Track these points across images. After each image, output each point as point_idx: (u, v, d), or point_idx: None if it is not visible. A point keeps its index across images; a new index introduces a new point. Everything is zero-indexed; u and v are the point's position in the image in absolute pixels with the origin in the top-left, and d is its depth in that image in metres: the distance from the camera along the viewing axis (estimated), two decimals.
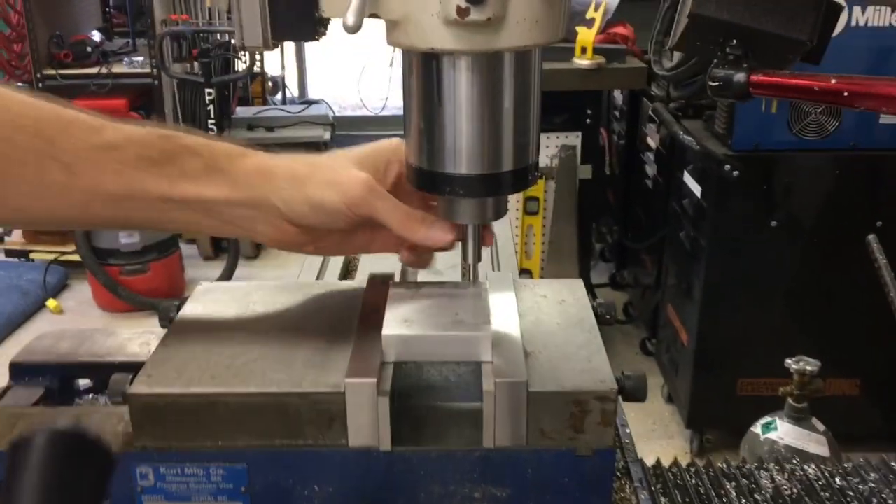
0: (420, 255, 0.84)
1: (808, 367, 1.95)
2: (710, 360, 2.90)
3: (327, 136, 4.98)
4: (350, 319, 0.82)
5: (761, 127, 2.62)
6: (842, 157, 2.61)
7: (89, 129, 0.74)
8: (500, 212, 0.79)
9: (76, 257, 4.10)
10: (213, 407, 0.70)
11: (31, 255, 4.42)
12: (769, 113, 2.60)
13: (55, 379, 0.86)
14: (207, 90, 4.30)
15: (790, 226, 2.70)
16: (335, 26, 0.71)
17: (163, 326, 0.85)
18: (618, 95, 4.05)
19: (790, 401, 2.10)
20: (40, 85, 4.27)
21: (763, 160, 2.65)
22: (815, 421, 2.07)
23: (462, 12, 0.64)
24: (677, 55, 3.02)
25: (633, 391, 0.73)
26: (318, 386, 0.71)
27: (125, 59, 4.51)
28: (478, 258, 0.81)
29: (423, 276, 0.97)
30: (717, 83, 0.62)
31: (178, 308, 0.85)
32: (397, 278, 0.91)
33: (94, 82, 4.29)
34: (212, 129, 4.39)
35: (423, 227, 0.78)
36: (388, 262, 0.91)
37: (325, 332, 0.80)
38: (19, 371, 0.85)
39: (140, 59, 4.46)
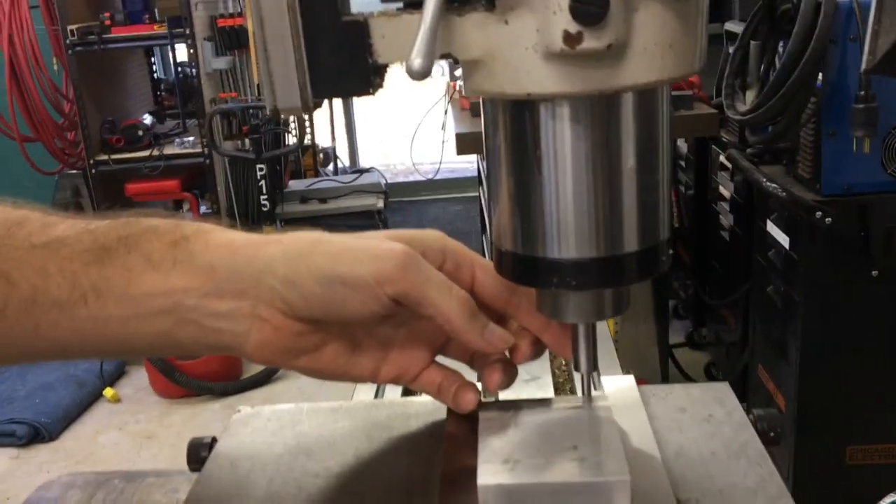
0: (503, 372, 0.63)
1: None
2: (813, 427, 2.62)
3: (380, 203, 4.89)
4: (431, 458, 0.62)
5: (851, 168, 2.39)
6: None
7: (40, 227, 0.59)
8: (621, 306, 0.60)
9: None
10: None
11: None
12: (860, 153, 2.38)
13: None
14: (259, 166, 4.24)
15: (893, 274, 2.45)
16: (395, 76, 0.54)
17: (192, 470, 0.66)
18: (682, 145, 3.85)
19: None
20: (93, 171, 4.26)
21: (857, 205, 2.41)
22: None
23: (572, 40, 0.45)
24: (751, 98, 2.83)
25: None
26: None
27: (176, 140, 4.51)
28: (593, 366, 0.62)
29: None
30: None
31: (211, 446, 0.67)
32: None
33: (145, 165, 4.26)
34: (264, 205, 4.31)
35: (479, 324, 0.59)
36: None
37: (399, 479, 0.60)
38: None
39: (191, 139, 4.45)
